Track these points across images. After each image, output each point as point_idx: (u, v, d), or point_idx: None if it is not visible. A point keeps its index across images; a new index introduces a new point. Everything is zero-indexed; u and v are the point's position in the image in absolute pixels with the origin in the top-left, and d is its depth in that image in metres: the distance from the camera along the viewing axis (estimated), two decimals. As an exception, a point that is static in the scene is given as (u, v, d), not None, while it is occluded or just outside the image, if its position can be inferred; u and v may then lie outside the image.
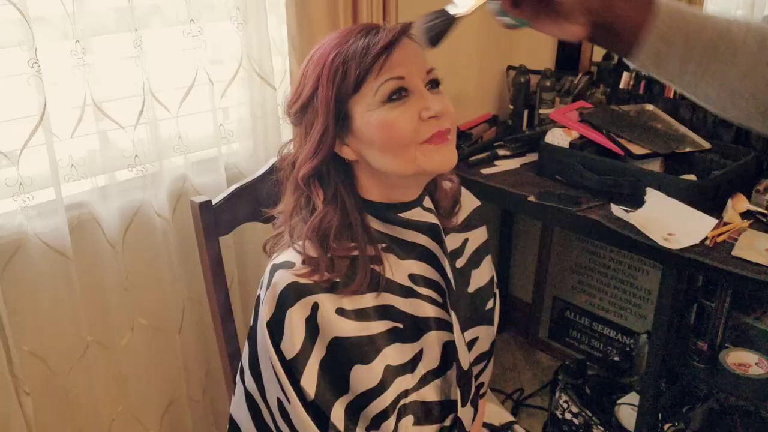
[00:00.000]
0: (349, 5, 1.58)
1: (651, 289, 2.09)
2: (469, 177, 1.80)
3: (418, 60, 0.89)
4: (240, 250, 1.63)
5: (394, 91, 0.86)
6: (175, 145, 1.48)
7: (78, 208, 1.39)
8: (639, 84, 1.89)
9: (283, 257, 0.92)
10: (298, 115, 0.93)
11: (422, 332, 0.96)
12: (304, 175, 0.91)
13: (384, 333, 0.92)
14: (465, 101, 2.16)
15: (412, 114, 0.86)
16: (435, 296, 0.97)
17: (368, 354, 0.91)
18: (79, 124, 1.33)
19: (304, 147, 0.91)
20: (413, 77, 0.87)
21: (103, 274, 1.44)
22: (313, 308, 0.88)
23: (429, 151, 0.87)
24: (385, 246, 0.94)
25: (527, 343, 2.50)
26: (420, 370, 0.97)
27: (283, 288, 0.88)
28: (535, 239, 2.40)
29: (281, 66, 1.62)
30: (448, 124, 0.89)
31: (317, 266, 0.89)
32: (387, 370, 0.92)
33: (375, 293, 0.92)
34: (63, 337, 1.42)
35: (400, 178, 0.90)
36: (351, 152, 0.91)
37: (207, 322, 1.50)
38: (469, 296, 1.05)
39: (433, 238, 0.96)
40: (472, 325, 1.04)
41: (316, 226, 0.90)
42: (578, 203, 1.62)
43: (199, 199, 1.17)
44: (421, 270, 0.96)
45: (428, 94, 0.88)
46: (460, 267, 1.04)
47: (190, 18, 1.41)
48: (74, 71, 1.30)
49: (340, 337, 0.89)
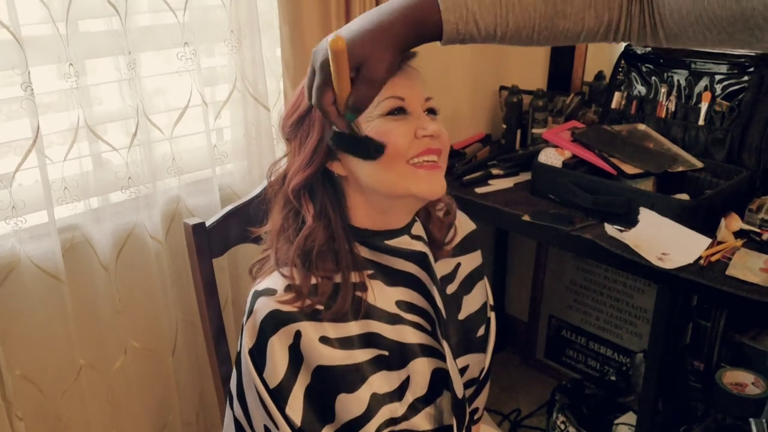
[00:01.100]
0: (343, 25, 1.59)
1: (646, 307, 2.09)
2: (463, 196, 1.80)
3: (418, 87, 0.91)
4: (234, 271, 1.63)
5: (394, 108, 0.88)
6: (169, 166, 1.48)
7: (71, 230, 1.39)
8: (631, 104, 1.90)
9: (266, 283, 0.91)
10: (293, 128, 0.93)
11: (409, 359, 0.95)
12: (296, 186, 0.91)
13: (369, 361, 0.92)
14: (459, 120, 2.17)
15: (409, 129, 0.87)
16: (423, 323, 0.96)
17: (353, 382, 0.90)
18: (73, 146, 1.33)
19: (297, 158, 0.92)
20: (413, 101, 0.89)
21: (96, 296, 1.44)
22: (295, 336, 0.87)
23: (419, 175, 0.88)
24: (371, 272, 0.94)
25: (524, 363, 2.49)
26: (408, 397, 0.96)
27: (264, 316, 0.88)
28: (530, 258, 2.39)
29: (275, 87, 1.63)
30: (440, 146, 0.89)
31: (300, 292, 0.88)
32: (373, 399, 0.91)
33: (360, 321, 0.91)
34: (55, 361, 1.41)
35: (387, 198, 0.90)
36: (341, 167, 0.91)
37: (200, 344, 1.49)
38: (459, 323, 1.03)
39: (421, 267, 0.95)
40: (463, 353, 1.03)
41: (300, 243, 0.90)
42: (572, 222, 1.62)
43: (192, 221, 1.17)
44: (409, 297, 0.96)
45: (425, 116, 0.90)
46: (451, 293, 1.03)
47: (184, 41, 1.42)
48: (68, 94, 1.30)
49: (324, 365, 0.88)
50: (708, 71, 1.77)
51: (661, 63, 1.85)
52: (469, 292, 1.06)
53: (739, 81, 1.71)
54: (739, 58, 1.72)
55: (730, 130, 1.70)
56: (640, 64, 1.89)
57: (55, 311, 1.37)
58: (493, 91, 2.22)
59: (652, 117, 1.86)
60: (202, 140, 1.54)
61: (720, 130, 1.72)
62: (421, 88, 0.91)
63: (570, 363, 2.36)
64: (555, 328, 2.38)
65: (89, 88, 1.35)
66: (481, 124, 2.24)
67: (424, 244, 0.96)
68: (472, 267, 1.07)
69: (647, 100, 1.88)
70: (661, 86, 1.85)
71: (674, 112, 1.82)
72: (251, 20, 1.48)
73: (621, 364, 2.19)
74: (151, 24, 1.42)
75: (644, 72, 1.89)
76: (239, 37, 1.49)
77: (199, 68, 1.45)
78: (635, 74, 1.91)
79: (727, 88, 1.73)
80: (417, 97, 0.90)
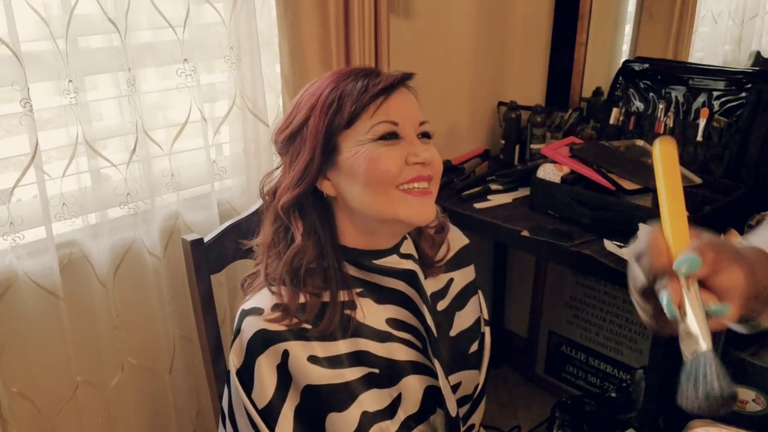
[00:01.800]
0: (342, 44, 1.60)
1: (646, 323, 2.08)
2: (462, 211, 1.80)
3: (413, 110, 0.90)
4: (232, 287, 1.62)
5: (386, 134, 0.87)
6: (167, 182, 1.48)
7: (69, 246, 1.38)
8: (629, 120, 1.91)
9: (253, 302, 0.91)
10: (285, 144, 0.93)
11: (400, 377, 0.95)
12: (285, 204, 0.91)
13: (359, 379, 0.91)
14: (457, 136, 2.17)
15: (400, 155, 0.87)
16: (413, 340, 0.96)
17: (343, 401, 0.89)
18: (71, 162, 1.33)
19: (288, 176, 0.91)
20: (406, 126, 0.89)
21: (93, 313, 1.43)
22: (283, 356, 0.87)
23: (408, 201, 0.87)
24: (360, 291, 0.93)
25: (524, 379, 2.47)
26: (400, 415, 0.95)
27: (251, 336, 0.87)
28: (530, 273, 2.39)
29: (274, 103, 1.63)
30: (432, 172, 0.89)
31: (287, 310, 0.88)
32: (364, 417, 0.90)
33: (348, 339, 0.91)
34: (52, 378, 1.40)
35: (376, 221, 0.90)
36: (331, 187, 0.91)
37: (198, 360, 1.48)
38: (451, 340, 1.02)
39: (410, 284, 0.95)
40: (455, 369, 1.02)
41: (289, 260, 0.89)
42: (571, 238, 1.62)
43: (190, 237, 1.17)
44: (399, 315, 0.95)
45: (418, 142, 0.89)
46: (443, 309, 1.02)
47: (184, 57, 1.42)
48: (67, 110, 1.30)
49: (313, 385, 0.88)
50: (706, 87, 1.77)
51: (659, 79, 1.86)
52: (461, 307, 1.05)
53: (737, 97, 1.71)
54: (736, 74, 1.73)
55: (728, 146, 1.71)
56: (638, 80, 1.90)
57: (53, 328, 1.36)
58: (492, 107, 2.23)
59: (650, 133, 1.86)
60: (201, 156, 1.54)
61: (718, 146, 1.72)
62: (416, 111, 0.91)
63: (570, 379, 2.35)
64: (555, 344, 2.37)
65: (89, 104, 1.36)
66: (479, 139, 2.25)
67: (413, 262, 0.96)
68: (465, 282, 1.07)
69: (645, 116, 1.88)
70: (659, 102, 1.85)
71: (672, 128, 1.83)
72: (251, 37, 1.49)
73: (621, 381, 2.18)
74: (150, 41, 1.42)
75: (642, 88, 1.89)
76: (239, 54, 1.49)
77: (199, 84, 1.45)
78: (633, 90, 1.91)
79: (725, 105, 1.74)
80: (411, 122, 0.89)
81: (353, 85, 0.88)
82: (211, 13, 1.45)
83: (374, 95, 0.86)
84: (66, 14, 1.26)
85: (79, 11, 1.27)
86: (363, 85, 0.87)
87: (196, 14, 1.44)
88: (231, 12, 1.46)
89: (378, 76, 0.89)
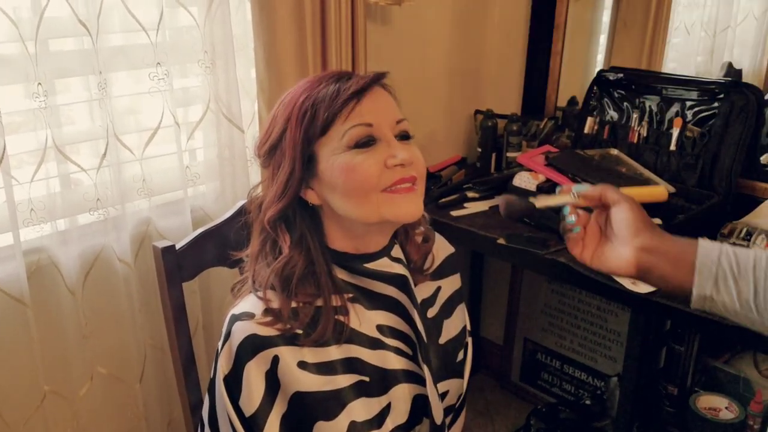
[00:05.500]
0: (318, 49, 1.59)
1: (620, 331, 2.09)
2: (439, 219, 1.80)
3: (388, 110, 0.89)
4: (205, 295, 1.60)
5: (361, 138, 0.86)
6: (139, 187, 1.46)
7: (37, 253, 1.35)
8: (603, 129, 1.92)
9: (243, 307, 0.89)
10: (266, 157, 0.92)
11: (390, 385, 0.94)
12: (270, 218, 0.90)
13: (350, 387, 0.90)
14: (434, 143, 2.17)
15: (378, 160, 0.86)
16: (404, 348, 0.95)
17: (332, 409, 0.88)
18: (40, 167, 1.30)
19: (271, 189, 0.90)
20: (382, 126, 0.87)
21: (62, 321, 1.40)
22: (273, 361, 0.85)
23: (394, 200, 0.86)
24: (351, 296, 0.92)
25: (499, 386, 2.47)
26: (388, 425, 0.94)
27: (241, 340, 0.86)
28: (505, 280, 2.39)
29: (249, 108, 1.61)
30: (415, 173, 0.88)
31: (279, 315, 0.87)
32: (352, 427, 0.89)
33: (341, 345, 0.90)
34: (19, 387, 1.37)
35: (363, 225, 0.89)
36: (315, 196, 0.90)
37: (169, 370, 1.45)
38: (440, 348, 1.02)
39: (401, 289, 0.94)
40: (444, 377, 1.01)
41: (279, 270, 0.88)
42: (547, 246, 1.62)
43: (161, 244, 1.14)
44: (390, 321, 0.94)
45: (396, 143, 0.87)
46: (432, 317, 1.02)
47: (157, 61, 1.40)
48: (36, 113, 1.27)
49: (302, 391, 0.86)
50: (679, 97, 1.79)
51: (633, 89, 1.88)
52: (449, 316, 1.05)
53: (710, 107, 1.73)
54: (709, 85, 1.75)
55: (701, 156, 1.73)
56: (613, 90, 1.92)
57: (19, 336, 1.33)
58: (469, 115, 2.23)
59: (624, 142, 1.88)
60: (173, 161, 1.51)
61: (691, 156, 1.74)
62: (392, 110, 0.89)
63: (545, 386, 2.35)
64: (530, 352, 2.37)
65: (59, 108, 1.33)
66: (456, 147, 2.25)
67: (404, 266, 0.95)
68: (452, 290, 1.06)
69: (619, 126, 1.90)
70: (633, 112, 1.87)
71: (646, 138, 1.84)
72: (225, 41, 1.47)
73: (596, 388, 2.19)
74: (122, 44, 1.40)
75: (616, 98, 1.91)
76: (213, 58, 1.47)
77: (172, 89, 1.43)
78: (607, 100, 1.93)
79: (698, 114, 1.76)
80: (387, 122, 0.88)
81: (325, 91, 0.86)
82: (185, 16, 1.43)
83: (346, 99, 0.85)
84: (36, 16, 1.24)
85: (49, 13, 1.24)
86: (335, 89, 0.86)
87: (170, 18, 1.42)
88: (206, 16, 1.44)
89: (350, 79, 0.87)
